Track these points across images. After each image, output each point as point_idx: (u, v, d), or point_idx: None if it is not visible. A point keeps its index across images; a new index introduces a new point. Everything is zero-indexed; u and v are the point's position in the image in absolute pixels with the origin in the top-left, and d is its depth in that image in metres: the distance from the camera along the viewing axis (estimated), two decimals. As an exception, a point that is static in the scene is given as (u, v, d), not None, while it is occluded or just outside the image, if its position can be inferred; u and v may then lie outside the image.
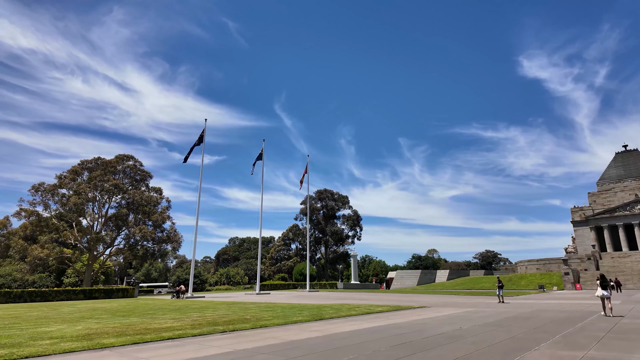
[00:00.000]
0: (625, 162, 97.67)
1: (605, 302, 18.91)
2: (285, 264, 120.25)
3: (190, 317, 19.40)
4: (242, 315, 20.48)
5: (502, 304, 28.88)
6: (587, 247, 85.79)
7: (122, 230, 68.18)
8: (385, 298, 38.93)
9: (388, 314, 20.98)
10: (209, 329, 14.86)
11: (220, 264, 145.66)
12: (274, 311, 22.66)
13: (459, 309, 24.65)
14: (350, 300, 34.20)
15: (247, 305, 28.69)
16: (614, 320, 16.75)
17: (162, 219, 68.77)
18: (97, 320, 18.69)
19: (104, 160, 68.79)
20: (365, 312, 21.91)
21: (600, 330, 13.78)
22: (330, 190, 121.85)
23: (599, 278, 19.09)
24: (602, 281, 18.87)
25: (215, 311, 23.25)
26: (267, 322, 16.86)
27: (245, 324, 16.47)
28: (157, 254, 71.91)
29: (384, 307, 25.57)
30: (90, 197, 66.25)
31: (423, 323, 16.45)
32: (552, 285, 64.97)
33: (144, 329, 14.99)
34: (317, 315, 20.10)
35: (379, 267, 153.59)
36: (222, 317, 19.19)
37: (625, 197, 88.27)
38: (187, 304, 31.26)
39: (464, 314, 20.95)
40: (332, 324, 16.76)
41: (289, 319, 18.14)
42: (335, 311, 22.41)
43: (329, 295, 45.38)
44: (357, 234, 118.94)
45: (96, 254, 67.21)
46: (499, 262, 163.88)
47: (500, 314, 20.79)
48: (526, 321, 16.83)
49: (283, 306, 26.76)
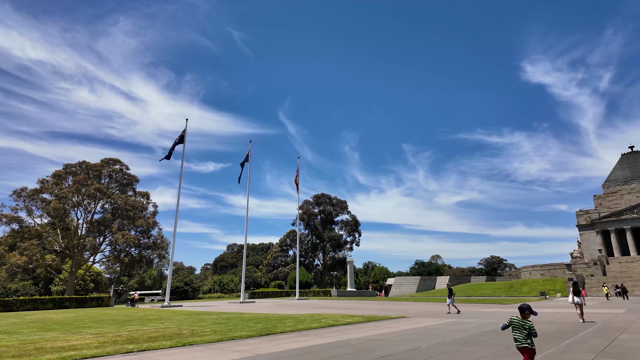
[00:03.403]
0: (632, 163, 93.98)
1: (579, 309, 19.52)
2: (282, 271, 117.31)
3: (118, 332, 16.88)
4: (182, 329, 17.92)
5: (458, 314, 25.49)
6: (593, 252, 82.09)
7: (106, 236, 65.98)
8: (370, 307, 36.10)
9: (352, 327, 18.29)
10: (115, 348, 12.32)
11: (218, 271, 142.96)
12: (227, 324, 20.07)
13: (440, 319, 21.89)
14: (331, 310, 31.47)
15: (210, 316, 26.10)
16: (610, 337, 13.95)
17: (148, 224, 66.45)
18: (8, 336, 16.22)
19: (89, 164, 66.80)
20: (330, 325, 19.25)
21: (590, 352, 11.04)
22: (329, 195, 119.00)
23: (572, 285, 19.72)
24: (574, 288, 19.71)
25: (160, 324, 20.69)
26: (198, 340, 14.30)
27: (168, 341, 13.93)
28: (143, 261, 69.59)
29: (358, 317, 22.87)
30: (74, 202, 64.25)
31: (380, 340, 13.78)
32: (556, 292, 61.52)
33: (49, 348, 12.55)
34: (269, 329, 17.48)
35: (380, 273, 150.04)
36: (154, 332, 16.63)
37: (633, 199, 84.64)
38: (144, 314, 28.71)
39: (440, 326, 18.21)
40: (275, 340, 14.17)
41: (229, 335, 15.56)
42: (295, 323, 19.77)
43: (315, 304, 42.61)
44: (355, 240, 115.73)
45: (80, 261, 64.98)
46: (504, 268, 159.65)
47: (481, 326, 18.01)
48: (504, 338, 14.08)
49: (247, 317, 24.15)
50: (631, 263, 74.61)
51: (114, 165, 69.41)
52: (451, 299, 26.69)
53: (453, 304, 26.67)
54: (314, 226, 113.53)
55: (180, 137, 48.54)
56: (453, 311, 26.36)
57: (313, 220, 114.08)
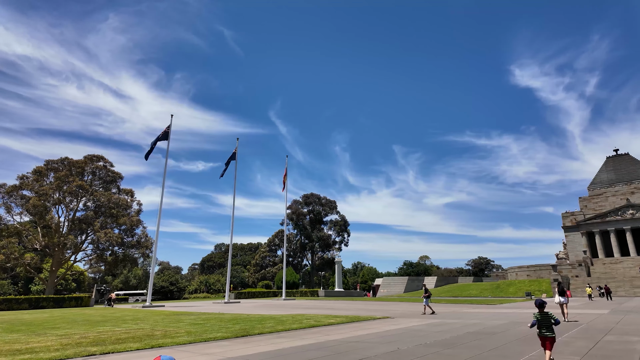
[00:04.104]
0: (617, 166, 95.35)
1: (563, 308, 20.08)
2: (270, 271, 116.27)
3: (86, 333, 16.04)
4: (156, 330, 17.13)
5: (432, 314, 25.15)
6: (578, 253, 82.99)
7: (89, 234, 64.35)
8: (356, 307, 35.59)
9: (333, 328, 17.71)
10: (76, 350, 11.54)
11: (205, 271, 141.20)
12: (204, 325, 19.32)
13: (424, 320, 21.45)
14: (315, 310, 30.85)
15: (190, 316, 25.28)
16: (595, 338, 13.61)
17: (132, 223, 64.99)
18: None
19: (71, 160, 65.06)
20: (311, 325, 18.64)
21: (575, 354, 10.62)
22: (318, 195, 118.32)
23: (558, 285, 20.43)
24: (559, 288, 20.34)
25: (135, 324, 19.85)
26: (169, 341, 13.58)
27: (137, 343, 13.17)
28: (127, 261, 68.10)
29: (341, 318, 22.29)
30: (55, 199, 62.47)
31: (359, 341, 13.22)
32: (541, 292, 61.85)
33: (4, 351, 11.72)
34: (246, 330, 16.81)
35: (370, 274, 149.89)
36: (124, 333, 15.83)
37: (617, 201, 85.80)
38: (121, 315, 27.75)
39: (423, 327, 17.74)
40: (250, 342, 13.52)
41: (203, 336, 14.84)
42: (275, 324, 19.12)
43: (301, 304, 41.94)
44: (344, 240, 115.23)
45: (61, 260, 63.24)
46: (491, 268, 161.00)
47: (465, 327, 17.59)
48: (488, 339, 13.66)
49: (227, 318, 23.40)
50: (615, 264, 75.60)
51: (98, 162, 67.77)
52: (426, 298, 26.32)
53: (428, 304, 26.34)
54: (302, 226, 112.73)
55: (164, 134, 47.47)
56: (428, 311, 26.03)
57: (302, 220, 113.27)
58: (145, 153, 44.75)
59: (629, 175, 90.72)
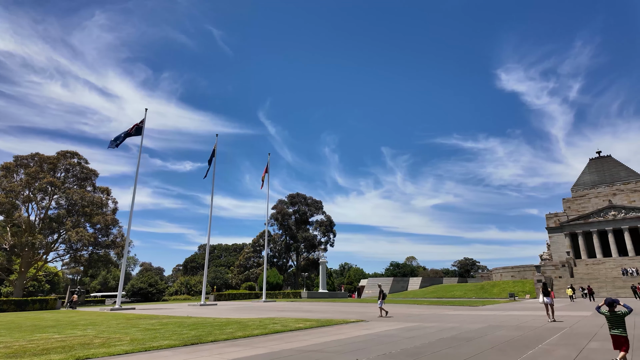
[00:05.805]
0: (599, 168, 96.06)
1: (549, 309, 20.11)
2: (254, 272, 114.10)
3: (14, 342, 14.26)
4: (99, 337, 15.40)
5: (386, 316, 24.77)
6: (561, 254, 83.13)
7: (61, 234, 61.58)
8: (334, 309, 34.17)
9: (298, 334, 16.20)
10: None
11: (188, 272, 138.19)
12: (158, 331, 17.64)
13: (401, 323, 20.11)
14: (290, 313, 29.31)
15: (150, 320, 23.49)
16: (578, 345, 12.40)
17: (107, 222, 62.46)
18: None
19: (42, 156, 62.23)
20: (275, 331, 17.10)
21: (555, 365, 9.32)
22: (304, 195, 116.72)
23: (542, 286, 20.18)
24: (544, 289, 20.32)
25: (82, 330, 18.05)
26: (102, 351, 11.91)
27: (61, 354, 11.48)
28: (103, 261, 65.52)
29: (311, 322, 20.80)
30: (24, 196, 59.62)
31: (318, 350, 11.74)
32: (525, 293, 61.39)
33: None
34: (200, 337, 15.19)
35: (356, 274, 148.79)
36: (59, 341, 14.07)
37: (599, 203, 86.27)
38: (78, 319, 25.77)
39: (396, 332, 16.37)
40: (196, 351, 11.94)
41: (146, 345, 13.19)
42: (236, 329, 17.54)
43: (278, 307, 40.36)
44: (330, 241, 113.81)
45: (30, 261, 60.36)
46: (477, 269, 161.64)
47: (440, 332, 16.27)
48: (463, 345, 12.32)
49: (189, 322, 21.71)
50: (597, 265, 75.81)
51: (71, 158, 65.04)
52: (381, 300, 25.68)
53: (382, 305, 25.53)
54: (288, 226, 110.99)
55: (137, 129, 45.43)
56: (383, 314, 25.51)
57: (287, 220, 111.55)
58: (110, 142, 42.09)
59: (611, 177, 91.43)
